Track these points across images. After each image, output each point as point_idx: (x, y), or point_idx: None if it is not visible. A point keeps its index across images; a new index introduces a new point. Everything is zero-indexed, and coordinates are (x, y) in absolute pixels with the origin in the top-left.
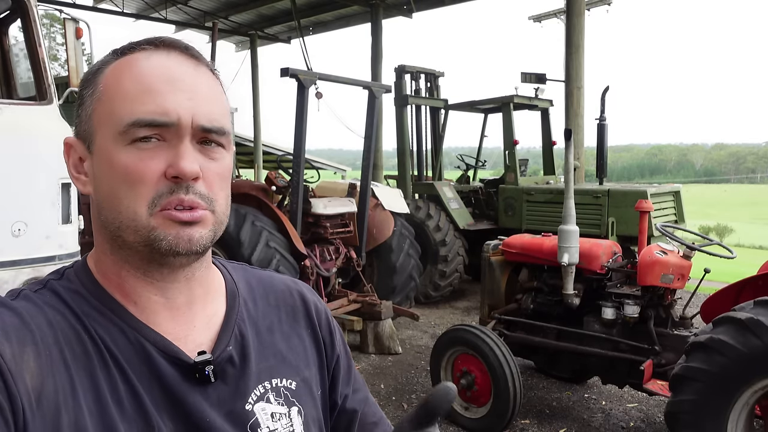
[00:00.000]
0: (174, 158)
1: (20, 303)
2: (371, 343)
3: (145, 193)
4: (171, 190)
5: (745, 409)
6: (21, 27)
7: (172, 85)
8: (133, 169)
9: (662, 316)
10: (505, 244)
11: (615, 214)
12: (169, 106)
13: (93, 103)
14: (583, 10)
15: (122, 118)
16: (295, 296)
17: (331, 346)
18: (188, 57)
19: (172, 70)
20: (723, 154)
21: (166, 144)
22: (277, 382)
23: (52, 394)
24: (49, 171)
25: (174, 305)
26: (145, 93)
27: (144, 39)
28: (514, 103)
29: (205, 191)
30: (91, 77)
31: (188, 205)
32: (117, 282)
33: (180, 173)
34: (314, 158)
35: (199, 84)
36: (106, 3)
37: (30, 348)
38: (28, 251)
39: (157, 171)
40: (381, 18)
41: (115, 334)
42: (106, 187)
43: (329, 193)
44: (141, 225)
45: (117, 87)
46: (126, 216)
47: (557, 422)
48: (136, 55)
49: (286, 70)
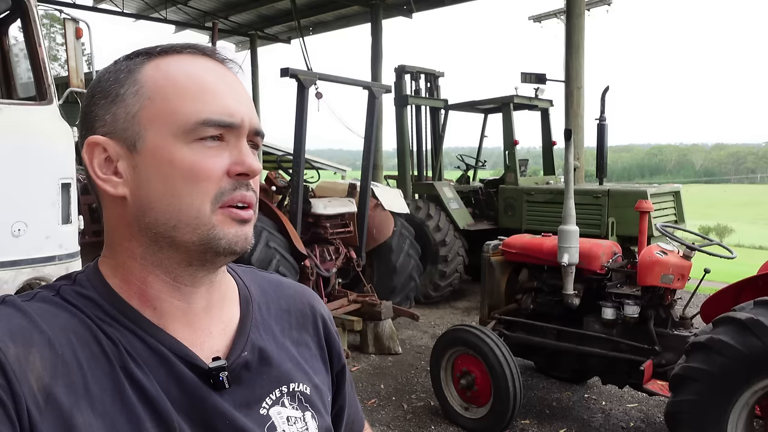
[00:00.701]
0: (239, 156)
1: (33, 305)
2: (371, 343)
3: (210, 190)
4: (234, 187)
5: (745, 410)
6: (21, 27)
7: (229, 89)
8: (200, 166)
9: (662, 317)
10: (505, 244)
11: (615, 215)
12: (234, 108)
13: (139, 101)
14: (583, 10)
15: (188, 117)
16: (304, 302)
17: (338, 357)
18: (226, 63)
19: (225, 75)
20: (723, 154)
21: (226, 144)
22: (294, 386)
23: (64, 395)
24: (49, 171)
25: (193, 311)
26: (207, 93)
27: (179, 44)
28: (514, 103)
29: (255, 190)
30: (125, 76)
31: (248, 202)
32: (139, 287)
33: (249, 170)
34: (314, 158)
35: (244, 90)
36: (106, 3)
37: (36, 349)
38: (28, 251)
39: (221, 169)
40: (381, 18)
41: (130, 338)
42: (161, 186)
43: (329, 193)
44: (203, 222)
45: (174, 86)
46: (187, 214)
47: (557, 422)
48: (180, 57)
49: (286, 70)
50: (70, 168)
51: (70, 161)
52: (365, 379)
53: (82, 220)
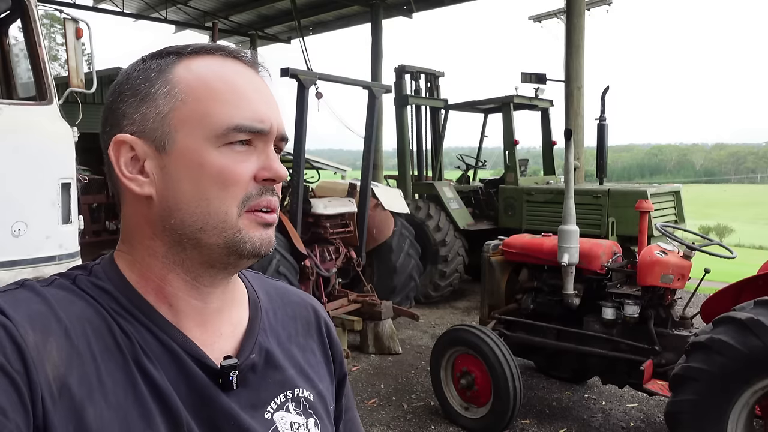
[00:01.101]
0: (266, 162)
1: (51, 291)
2: (371, 343)
3: (238, 194)
4: (260, 192)
5: (745, 409)
6: (21, 27)
7: (260, 94)
8: (229, 171)
9: (662, 316)
10: (505, 244)
11: (615, 214)
12: (264, 115)
13: (171, 102)
14: (583, 10)
15: (221, 121)
16: (309, 310)
17: (340, 365)
18: (257, 67)
19: (254, 79)
20: (723, 154)
21: (254, 149)
22: (299, 392)
23: (77, 386)
24: (49, 171)
25: (207, 311)
26: (241, 99)
27: (210, 45)
28: (514, 103)
29: (278, 195)
30: (155, 75)
31: (273, 207)
32: (157, 284)
33: (276, 176)
34: (314, 158)
35: (272, 94)
36: (106, 3)
37: (54, 338)
38: (28, 251)
39: (249, 173)
40: (381, 18)
41: (143, 333)
42: (190, 187)
43: (329, 193)
44: (229, 225)
45: (206, 89)
46: (215, 217)
47: (557, 422)
48: (210, 59)
49: (286, 70)
50: (70, 168)
51: (70, 161)
52: (365, 379)
53: (82, 220)
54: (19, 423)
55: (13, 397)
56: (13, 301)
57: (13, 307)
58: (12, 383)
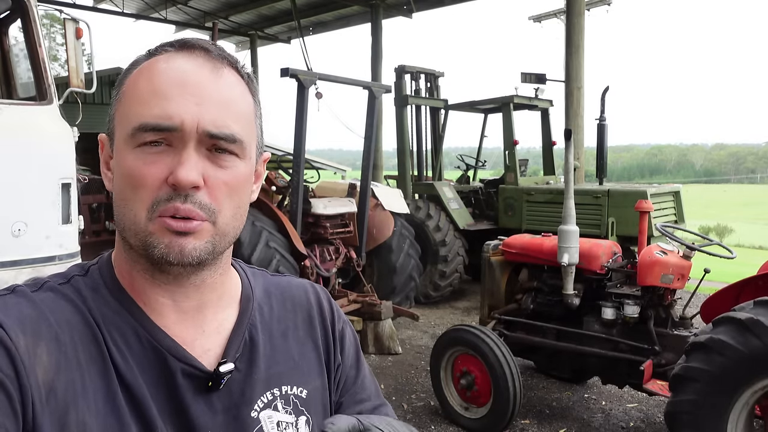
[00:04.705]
0: (174, 165)
1: (42, 295)
2: (371, 343)
3: (145, 197)
4: (169, 197)
5: (745, 409)
6: (21, 27)
7: (181, 89)
8: (136, 173)
9: (662, 316)
10: (505, 244)
11: (615, 214)
12: (173, 111)
13: (115, 103)
14: (583, 10)
15: (131, 121)
16: (312, 302)
17: (341, 352)
18: (210, 59)
19: (186, 74)
20: (723, 154)
21: (173, 150)
22: (287, 389)
23: (63, 391)
24: (49, 171)
25: (182, 309)
26: (154, 96)
27: (172, 40)
28: (514, 103)
29: (206, 201)
30: (121, 78)
31: (184, 215)
32: (129, 281)
33: (176, 181)
34: (314, 158)
35: (215, 89)
36: (106, 3)
37: (44, 342)
38: (28, 251)
39: (159, 176)
40: (381, 18)
41: (129, 336)
42: (117, 188)
43: (329, 193)
44: (140, 229)
45: (133, 89)
46: (128, 218)
47: (557, 422)
48: (159, 57)
49: (286, 70)
50: (70, 168)
51: (70, 161)
52: None
53: (82, 220)
54: (8, 427)
55: (3, 401)
56: (3, 306)
57: (4, 312)
58: (2, 387)
